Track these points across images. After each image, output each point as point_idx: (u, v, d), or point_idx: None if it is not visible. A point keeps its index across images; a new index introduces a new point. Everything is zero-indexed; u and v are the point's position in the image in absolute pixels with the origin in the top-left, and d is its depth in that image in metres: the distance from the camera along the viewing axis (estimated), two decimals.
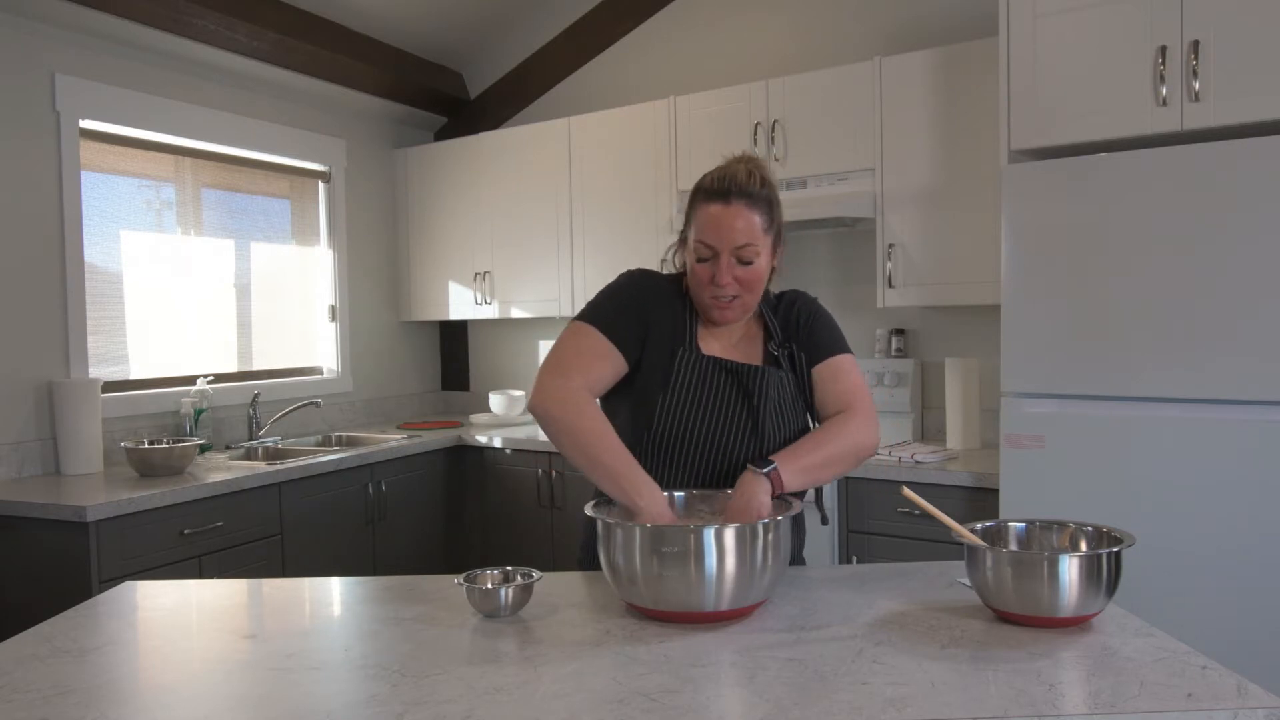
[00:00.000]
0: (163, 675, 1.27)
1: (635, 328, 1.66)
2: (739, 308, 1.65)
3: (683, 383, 1.65)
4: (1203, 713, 1.07)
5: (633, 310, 1.67)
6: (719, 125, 3.60)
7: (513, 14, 4.37)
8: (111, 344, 3.41)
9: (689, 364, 1.66)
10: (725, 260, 1.60)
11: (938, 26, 3.50)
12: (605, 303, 1.70)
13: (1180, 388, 2.39)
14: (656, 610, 1.40)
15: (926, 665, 1.22)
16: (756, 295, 1.66)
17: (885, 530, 2.97)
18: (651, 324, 1.67)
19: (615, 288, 1.72)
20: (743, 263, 1.61)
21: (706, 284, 1.63)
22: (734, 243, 1.59)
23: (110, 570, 2.63)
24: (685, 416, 1.65)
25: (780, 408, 1.67)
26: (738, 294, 1.63)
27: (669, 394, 1.65)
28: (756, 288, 1.64)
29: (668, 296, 1.71)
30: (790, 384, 1.69)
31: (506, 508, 3.94)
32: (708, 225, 1.61)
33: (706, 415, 1.65)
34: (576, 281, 4.04)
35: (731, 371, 1.66)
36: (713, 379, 1.66)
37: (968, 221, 3.11)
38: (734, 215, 1.59)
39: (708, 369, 1.66)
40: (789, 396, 1.69)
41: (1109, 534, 1.45)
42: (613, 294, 1.71)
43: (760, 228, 1.61)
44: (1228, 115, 2.37)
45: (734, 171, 1.63)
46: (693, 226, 1.65)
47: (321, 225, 4.32)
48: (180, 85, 3.60)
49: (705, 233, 1.61)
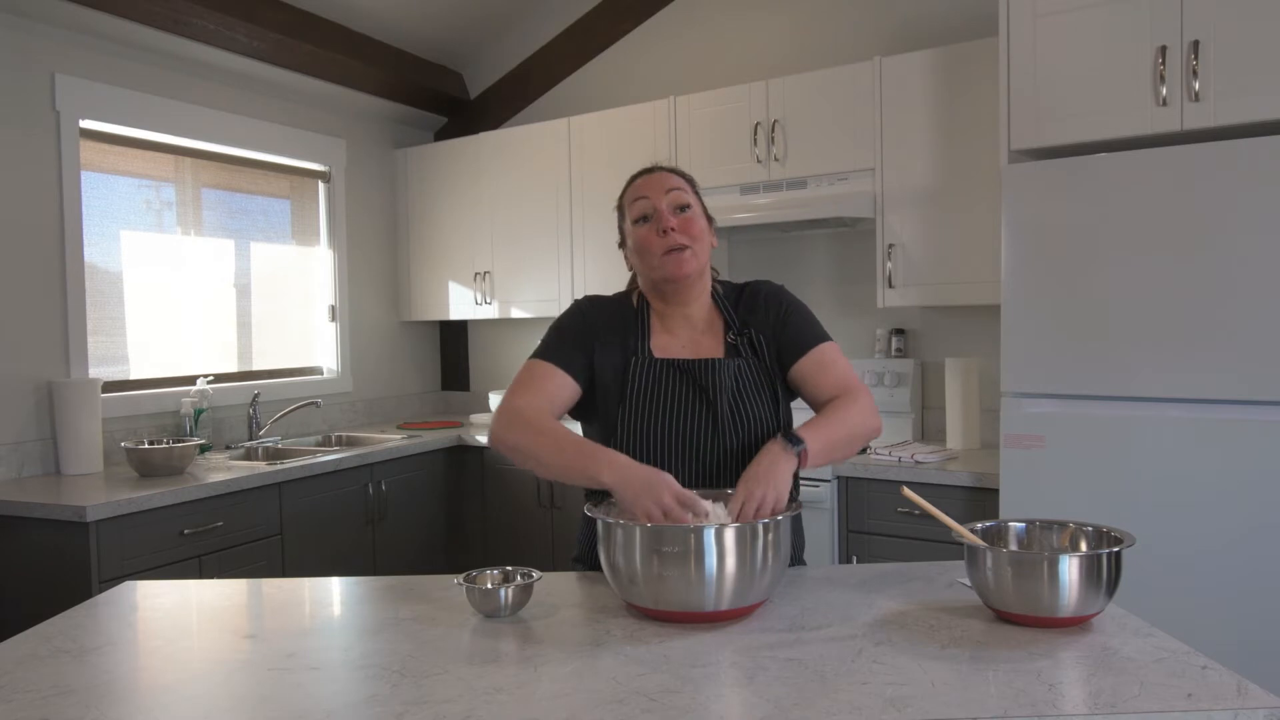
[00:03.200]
0: (163, 675, 1.27)
1: (579, 351, 1.71)
2: (691, 259, 1.69)
3: (638, 390, 1.68)
4: (1202, 713, 1.07)
5: (575, 334, 1.73)
6: (719, 125, 3.60)
7: (513, 14, 4.37)
8: (111, 344, 3.41)
9: (642, 370, 1.69)
10: (663, 209, 1.69)
11: (938, 26, 3.50)
12: (548, 335, 1.76)
13: (1180, 388, 2.39)
14: (656, 610, 1.40)
15: (926, 665, 1.22)
16: (704, 250, 1.72)
17: (885, 530, 2.97)
18: (597, 343, 1.71)
19: (557, 320, 1.79)
20: (679, 208, 1.70)
21: (655, 240, 1.68)
22: (664, 187, 1.70)
23: (110, 570, 2.63)
24: (645, 422, 1.67)
25: (738, 398, 1.67)
26: (686, 243, 1.67)
27: (626, 402, 1.68)
28: (700, 240, 1.71)
29: (614, 312, 1.76)
30: (752, 369, 1.70)
31: (506, 508, 3.94)
32: (638, 188, 1.75)
33: (666, 417, 1.66)
34: (576, 281, 4.04)
35: (684, 370, 1.68)
36: (667, 381, 1.68)
37: (968, 221, 3.11)
38: (660, 176, 1.74)
39: (661, 372, 1.68)
40: (749, 384, 1.69)
41: (1109, 534, 1.45)
42: (555, 326, 1.77)
43: (686, 186, 1.74)
44: (1228, 115, 2.37)
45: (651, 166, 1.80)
46: (626, 209, 1.76)
47: (321, 225, 4.32)
48: (180, 85, 3.60)
49: (637, 193, 1.73)
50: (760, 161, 3.50)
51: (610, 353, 1.71)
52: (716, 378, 1.66)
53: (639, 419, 1.67)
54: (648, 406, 1.67)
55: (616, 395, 1.69)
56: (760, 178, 3.50)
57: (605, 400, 1.70)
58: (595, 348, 1.71)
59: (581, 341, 1.71)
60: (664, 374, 1.68)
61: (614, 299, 1.81)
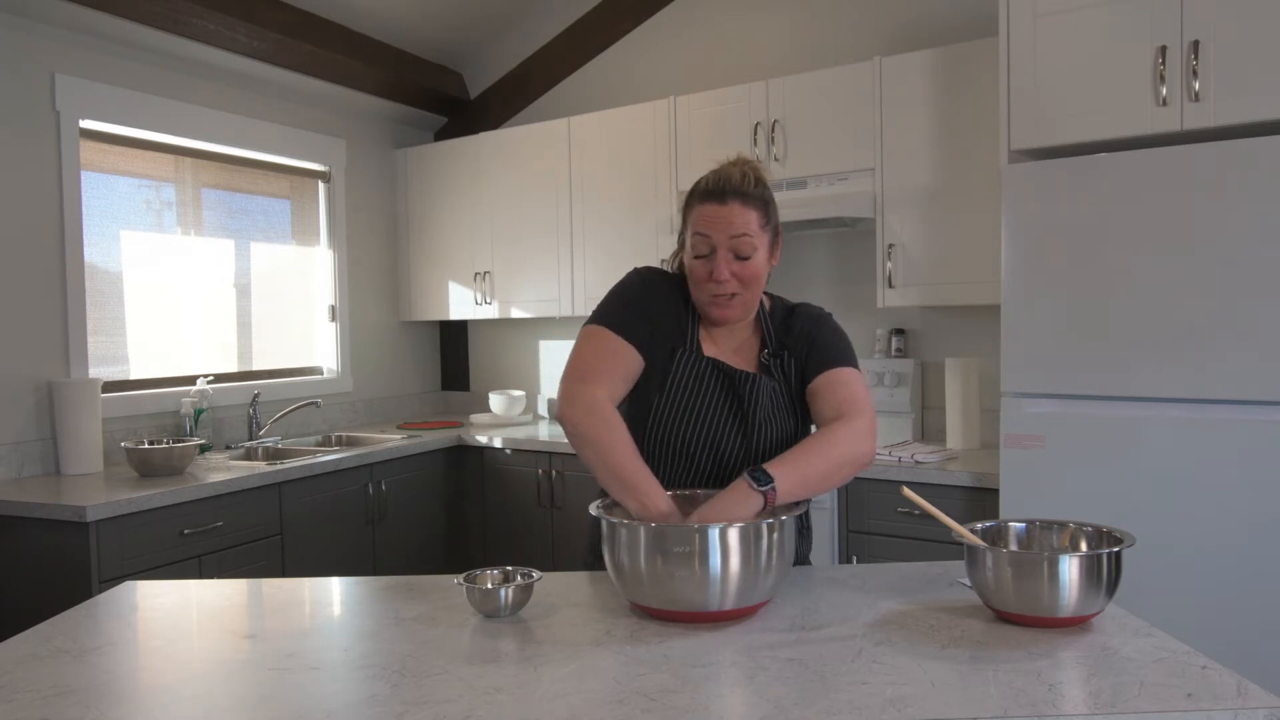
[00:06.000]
0: (163, 675, 1.27)
1: (643, 326, 1.66)
2: (739, 306, 1.65)
3: (678, 383, 1.66)
4: (1202, 713, 1.07)
5: (640, 308, 1.68)
6: (719, 125, 3.60)
7: (513, 14, 4.37)
8: (111, 344, 3.41)
9: (687, 364, 1.66)
10: (722, 254, 1.60)
11: (938, 26, 3.50)
12: (615, 302, 1.70)
13: (1180, 388, 2.39)
14: (660, 609, 1.40)
15: (926, 665, 1.22)
16: (755, 294, 1.66)
17: (885, 530, 2.97)
18: (655, 323, 1.67)
19: (622, 286, 1.72)
20: (740, 257, 1.61)
21: (705, 281, 1.62)
22: (730, 233, 1.59)
23: (110, 570, 2.63)
24: (679, 416, 1.66)
25: (772, 416, 1.67)
26: (737, 290, 1.62)
27: (665, 394, 1.66)
28: (755, 285, 1.64)
29: (672, 296, 1.71)
30: (782, 393, 1.68)
31: (506, 508, 3.94)
32: (703, 221, 1.61)
33: (699, 417, 1.65)
34: (576, 281, 4.04)
35: (727, 375, 1.66)
36: (708, 381, 1.66)
37: (968, 221, 3.11)
38: (730, 212, 1.60)
39: (704, 370, 1.66)
40: (781, 406, 1.68)
41: (1109, 534, 1.45)
42: (620, 293, 1.71)
43: (757, 224, 1.61)
44: (1228, 115, 2.37)
45: (728, 173, 1.63)
46: (689, 227, 1.66)
47: (321, 225, 4.32)
48: (180, 85, 3.60)
49: (701, 227, 1.61)
50: (760, 161, 3.50)
51: (662, 336, 1.67)
52: (756, 391, 1.65)
53: (674, 412, 1.65)
54: (685, 401, 1.65)
55: (656, 383, 1.66)
56: None
57: (645, 384, 1.67)
58: (654, 326, 1.67)
59: (648, 316, 1.67)
60: (706, 374, 1.66)
61: (673, 279, 1.74)
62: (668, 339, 1.68)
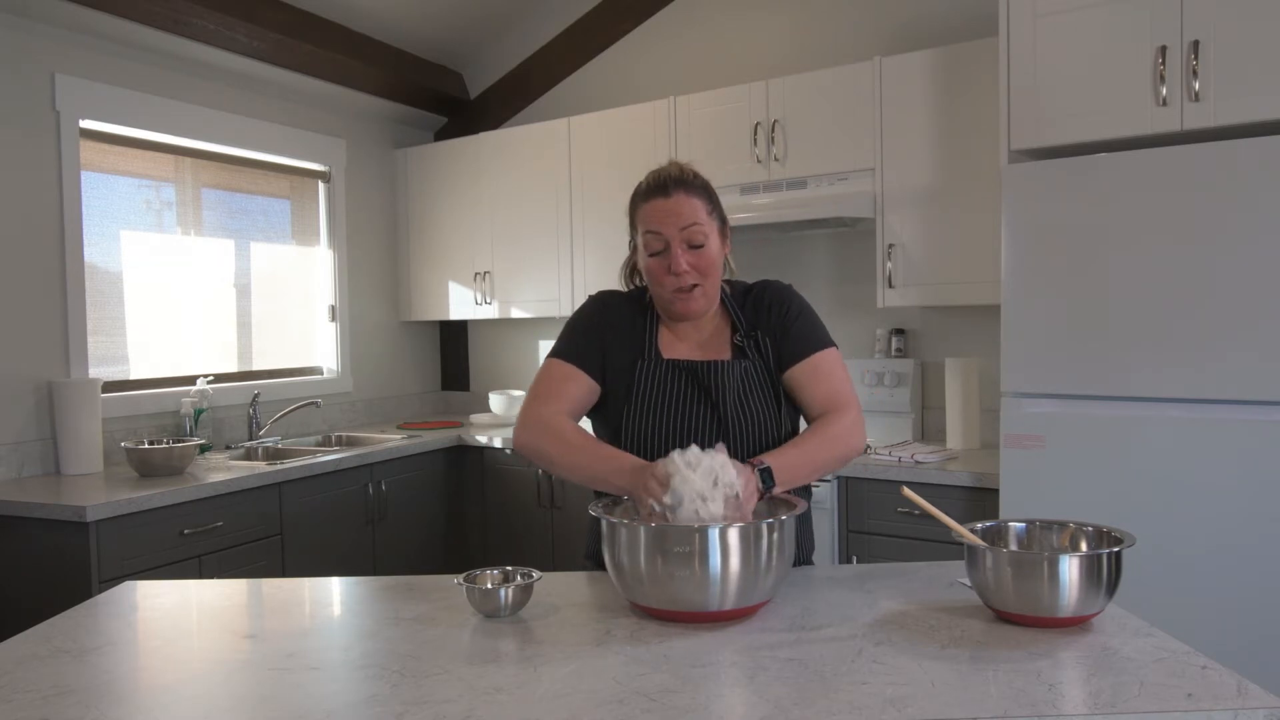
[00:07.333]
0: (163, 675, 1.27)
1: (595, 349, 1.72)
2: (700, 297, 1.68)
3: (644, 391, 1.69)
4: (1203, 713, 1.07)
5: (591, 333, 1.74)
6: (719, 125, 3.60)
7: (513, 14, 4.37)
8: (111, 344, 3.41)
9: (648, 371, 1.70)
10: (676, 246, 1.64)
11: (938, 26, 3.50)
12: (566, 333, 1.77)
13: (1180, 388, 2.39)
14: (660, 609, 1.40)
15: (926, 665, 1.22)
16: (715, 283, 1.70)
17: (885, 530, 2.97)
18: (609, 342, 1.73)
19: (575, 316, 1.80)
20: (693, 246, 1.64)
21: (664, 276, 1.66)
22: (679, 224, 1.63)
23: (110, 570, 2.63)
24: (650, 423, 1.68)
25: (743, 398, 1.68)
26: (697, 281, 1.66)
27: (632, 403, 1.69)
28: (713, 273, 1.68)
29: (626, 311, 1.76)
30: (758, 371, 1.70)
31: (506, 508, 3.94)
32: (652, 217, 1.66)
33: (671, 418, 1.67)
34: (576, 281, 4.04)
35: (689, 371, 1.69)
36: (673, 382, 1.69)
37: (968, 221, 3.11)
38: (676, 203, 1.64)
39: (666, 373, 1.69)
40: (755, 385, 1.70)
41: (1109, 534, 1.45)
42: (573, 323, 1.79)
43: (704, 211, 1.66)
44: (1228, 115, 2.37)
45: (666, 170, 1.69)
46: (639, 228, 1.70)
47: (321, 225, 4.32)
48: (180, 85, 3.60)
49: (651, 223, 1.66)
50: (760, 161, 3.50)
51: (620, 352, 1.72)
52: (721, 379, 1.67)
53: (644, 420, 1.68)
54: (653, 407, 1.68)
55: (623, 395, 1.70)
56: (760, 178, 3.50)
57: (613, 399, 1.72)
58: (608, 345, 1.72)
59: (598, 338, 1.73)
60: (669, 375, 1.69)
61: (627, 296, 1.81)
62: (626, 352, 1.72)
